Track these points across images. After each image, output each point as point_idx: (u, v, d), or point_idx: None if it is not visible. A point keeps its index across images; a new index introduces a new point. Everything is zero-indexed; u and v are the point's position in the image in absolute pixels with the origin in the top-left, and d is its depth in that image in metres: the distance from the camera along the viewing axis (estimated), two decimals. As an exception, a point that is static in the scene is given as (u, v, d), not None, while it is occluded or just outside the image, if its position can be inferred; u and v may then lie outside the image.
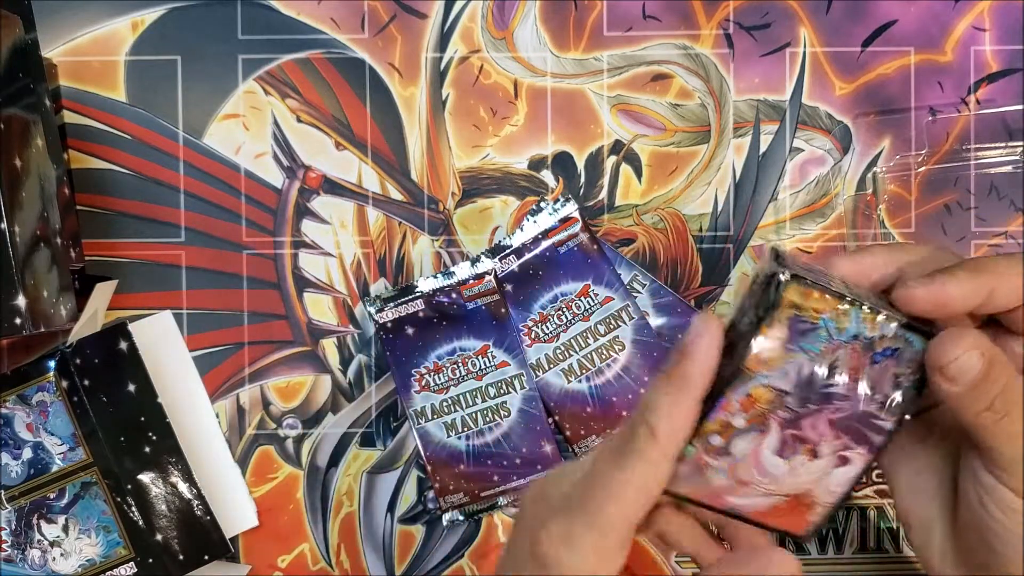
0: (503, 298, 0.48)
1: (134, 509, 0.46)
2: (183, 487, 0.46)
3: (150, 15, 0.48)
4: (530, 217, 0.48)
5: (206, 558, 0.46)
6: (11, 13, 0.41)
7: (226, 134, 0.48)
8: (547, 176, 0.49)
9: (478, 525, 0.49)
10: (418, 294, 0.48)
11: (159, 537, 0.46)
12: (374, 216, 0.49)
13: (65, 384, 0.46)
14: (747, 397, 0.29)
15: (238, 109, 0.48)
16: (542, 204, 0.49)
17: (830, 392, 0.29)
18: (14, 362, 0.45)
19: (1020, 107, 0.48)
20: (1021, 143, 0.48)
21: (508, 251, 0.48)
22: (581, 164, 0.49)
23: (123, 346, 0.46)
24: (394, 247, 0.49)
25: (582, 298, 0.48)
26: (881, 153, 0.49)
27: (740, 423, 0.29)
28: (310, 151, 0.49)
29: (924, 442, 0.33)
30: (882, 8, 0.48)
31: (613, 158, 0.49)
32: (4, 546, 0.46)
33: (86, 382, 0.46)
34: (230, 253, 0.48)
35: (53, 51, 0.48)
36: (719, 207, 0.49)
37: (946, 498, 0.32)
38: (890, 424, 0.29)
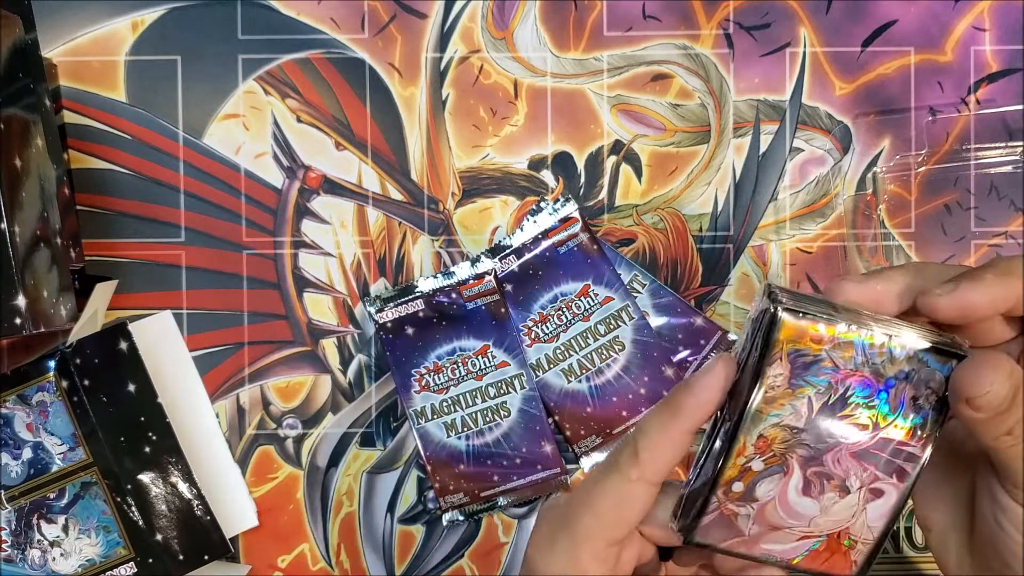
0: (503, 298, 0.48)
1: (134, 509, 0.46)
2: (183, 487, 0.46)
3: (150, 15, 0.48)
4: (530, 217, 0.48)
5: (206, 558, 0.46)
6: (11, 13, 0.41)
7: (226, 134, 0.48)
8: (547, 176, 0.49)
9: (478, 525, 0.49)
10: (418, 294, 0.48)
11: (159, 537, 0.46)
12: (374, 216, 0.49)
13: (65, 384, 0.46)
14: (761, 439, 0.28)
15: (238, 109, 0.48)
16: (542, 204, 0.49)
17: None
18: (14, 362, 0.45)
19: (1020, 107, 0.48)
20: (1021, 143, 0.48)
21: (508, 251, 0.48)
22: (581, 164, 0.49)
23: (123, 346, 0.46)
24: (394, 247, 0.49)
25: (582, 298, 0.48)
26: (881, 153, 0.49)
27: (759, 466, 0.29)
28: (310, 151, 0.49)
29: (942, 452, 0.32)
30: (882, 8, 0.48)
31: (613, 158, 0.49)
32: (4, 546, 0.46)
33: (86, 382, 0.46)
34: (230, 253, 0.48)
35: (53, 51, 0.48)
36: (719, 207, 0.49)
37: (964, 509, 0.31)
38: (917, 449, 0.28)
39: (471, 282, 0.48)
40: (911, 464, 0.28)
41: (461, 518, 0.49)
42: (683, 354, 0.48)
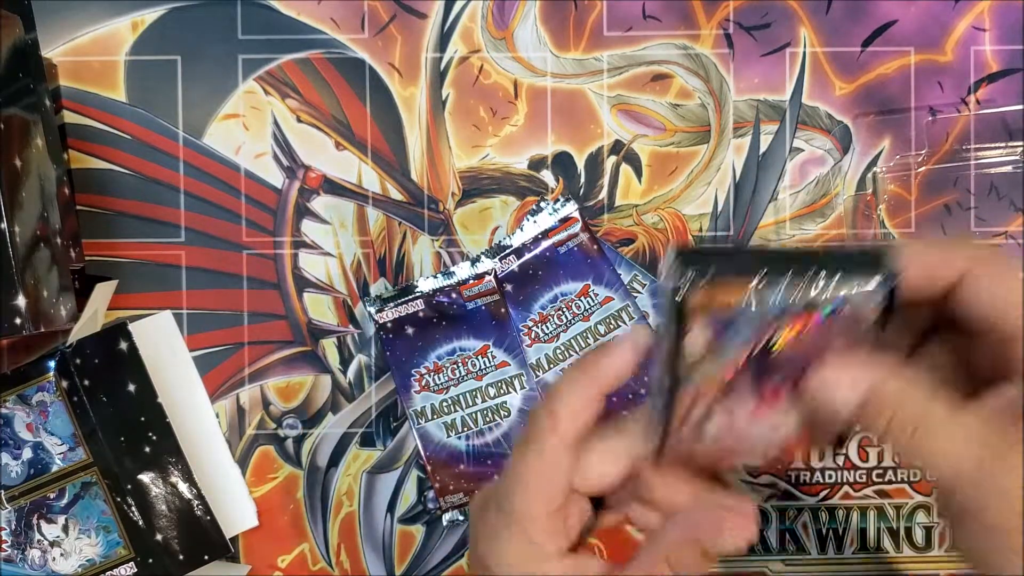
0: (503, 298, 0.48)
1: (134, 509, 0.46)
2: (183, 487, 0.46)
3: (150, 15, 0.48)
4: (530, 217, 0.48)
5: (206, 558, 0.46)
6: (11, 13, 0.41)
7: (226, 134, 0.48)
8: (547, 176, 0.49)
9: (478, 525, 0.49)
10: (418, 294, 0.48)
11: (159, 537, 0.46)
12: (374, 216, 0.49)
13: (65, 384, 0.46)
14: (698, 391, 0.28)
15: (238, 109, 0.48)
16: (542, 204, 0.49)
17: (780, 360, 0.28)
18: (14, 362, 0.45)
19: (1020, 107, 0.48)
20: (1021, 143, 0.48)
21: (508, 251, 0.48)
22: (581, 164, 0.49)
23: (123, 346, 0.46)
24: (394, 247, 0.49)
25: (582, 298, 0.48)
26: (881, 153, 0.49)
27: (700, 413, 0.29)
28: (310, 151, 0.49)
29: None
30: (882, 8, 0.48)
31: (613, 158, 0.49)
32: (4, 546, 0.46)
33: (86, 382, 0.46)
34: (230, 253, 0.48)
35: (53, 51, 0.48)
36: (719, 207, 0.49)
37: None
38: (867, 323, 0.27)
39: (471, 282, 0.48)
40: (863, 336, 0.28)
41: (461, 518, 0.49)
42: (683, 354, 0.48)
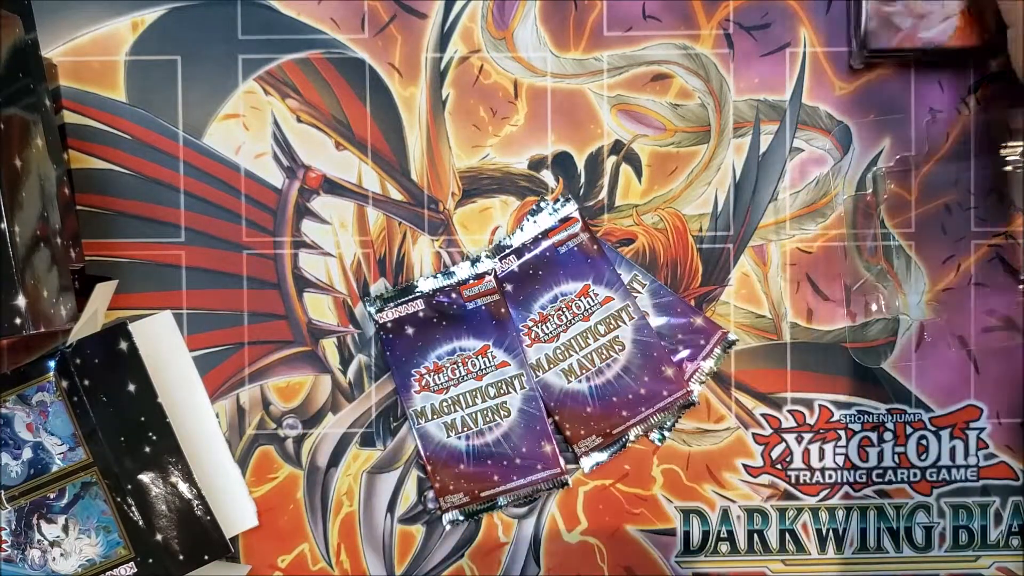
0: (503, 298, 0.48)
1: (134, 509, 0.46)
2: (183, 487, 0.46)
3: (150, 15, 0.48)
4: (530, 217, 0.48)
5: (206, 558, 0.46)
6: (11, 13, 0.41)
7: (226, 134, 0.48)
8: (547, 176, 0.49)
9: (478, 525, 0.49)
10: (418, 294, 0.48)
11: (159, 537, 0.46)
12: (374, 216, 0.49)
13: (65, 384, 0.46)
14: None
15: (238, 109, 0.48)
16: (542, 204, 0.49)
17: None
18: (14, 362, 0.45)
19: (1020, 107, 0.48)
20: (1021, 143, 0.48)
21: (508, 251, 0.48)
22: (581, 164, 0.49)
23: (123, 346, 0.46)
24: (394, 247, 0.49)
25: (582, 298, 0.48)
26: (881, 153, 0.49)
27: None
28: (310, 151, 0.49)
29: None
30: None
31: (613, 158, 0.49)
32: (4, 546, 0.46)
33: (86, 382, 0.46)
34: (230, 253, 0.48)
35: (53, 51, 0.48)
36: (719, 207, 0.49)
37: None
38: None
39: (471, 282, 0.48)
40: None
41: (461, 518, 0.49)
42: (683, 354, 0.48)
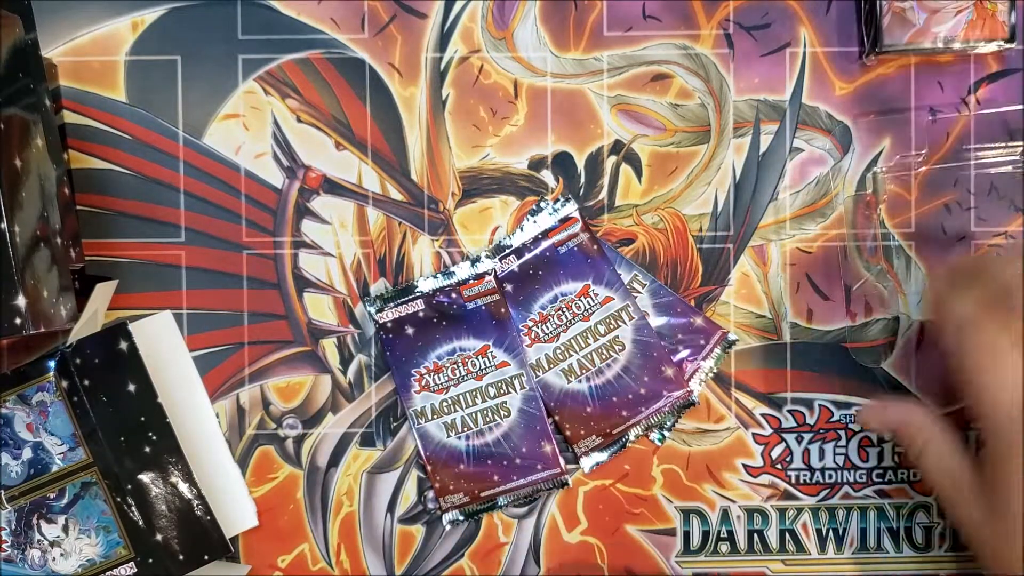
0: (503, 298, 0.48)
1: (134, 509, 0.46)
2: (183, 487, 0.46)
3: (150, 15, 0.48)
4: (530, 217, 0.48)
5: (206, 558, 0.46)
6: (11, 13, 0.41)
7: (226, 134, 0.48)
8: (547, 176, 0.49)
9: (478, 525, 0.49)
10: (418, 294, 0.48)
11: (159, 537, 0.46)
12: (374, 216, 0.49)
13: (65, 384, 0.46)
14: None
15: (238, 109, 0.48)
16: (542, 204, 0.49)
17: None
18: (14, 362, 0.45)
19: (1020, 107, 0.48)
20: (1021, 143, 0.48)
21: (508, 251, 0.48)
22: (581, 164, 0.49)
23: (123, 346, 0.46)
24: (394, 247, 0.49)
25: (582, 298, 0.48)
26: (881, 153, 0.49)
27: None
28: (310, 151, 0.49)
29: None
30: (882, 8, 0.48)
31: (613, 158, 0.49)
32: (4, 546, 0.46)
33: (86, 382, 0.46)
34: (230, 253, 0.48)
35: (53, 51, 0.48)
36: (719, 207, 0.49)
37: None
38: None
39: (471, 282, 0.48)
40: None
41: (461, 518, 0.49)
42: (683, 354, 0.48)
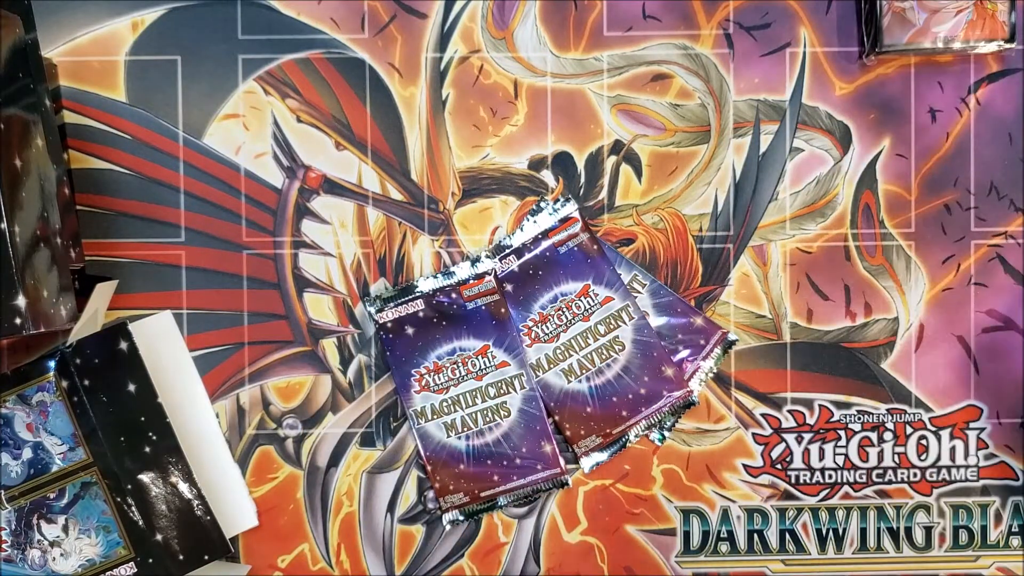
0: (503, 298, 0.48)
1: (134, 509, 0.46)
2: (183, 487, 0.46)
3: (150, 15, 0.48)
4: (530, 217, 0.48)
5: (206, 558, 0.46)
6: (11, 13, 0.41)
7: (226, 134, 0.48)
8: (547, 176, 0.49)
9: (478, 525, 0.49)
10: (418, 294, 0.48)
11: (159, 537, 0.46)
12: (374, 216, 0.49)
13: (65, 384, 0.46)
14: None
15: (238, 109, 0.48)
16: (542, 204, 0.49)
17: None
18: (14, 362, 0.45)
19: (1020, 107, 0.49)
20: (1021, 141, 0.48)
21: (508, 251, 0.48)
22: (581, 164, 0.49)
23: (123, 346, 0.46)
24: (394, 247, 0.49)
25: (582, 298, 0.48)
26: (881, 153, 0.49)
27: None
28: (310, 151, 0.49)
29: None
30: (882, 8, 0.48)
31: (613, 158, 0.49)
32: (4, 546, 0.46)
33: (86, 382, 0.46)
34: (230, 253, 0.48)
35: (53, 51, 0.48)
36: (719, 207, 0.49)
37: None
38: None
39: (471, 282, 0.48)
40: None
41: (461, 518, 0.49)
42: (683, 353, 0.48)
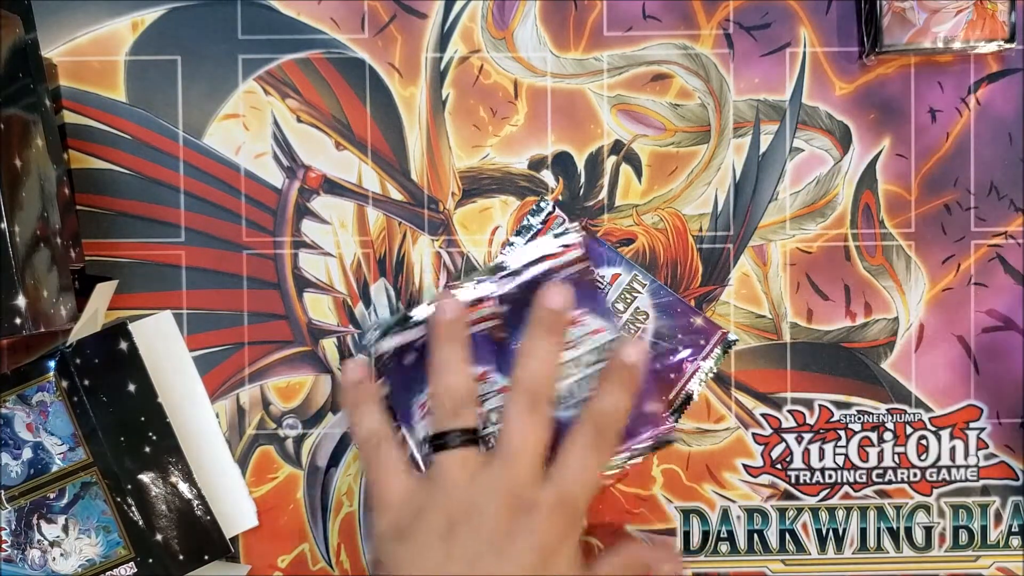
0: (503, 322, 0.47)
1: (134, 509, 0.46)
2: (183, 487, 0.46)
3: (150, 15, 0.48)
4: (530, 217, 0.48)
5: (206, 558, 0.46)
6: (11, 13, 0.41)
7: (226, 134, 0.48)
8: (547, 176, 0.49)
9: (478, 525, 0.49)
10: (416, 322, 0.46)
11: (159, 537, 0.46)
12: (374, 216, 0.49)
13: (65, 384, 0.46)
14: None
15: (238, 109, 0.48)
16: (542, 204, 0.49)
17: None
18: (14, 362, 0.45)
19: (1020, 107, 0.49)
20: (1021, 141, 0.48)
21: (507, 272, 0.47)
22: (581, 164, 0.49)
23: (123, 346, 0.46)
24: (394, 247, 0.49)
25: (573, 326, 0.47)
26: (881, 153, 0.49)
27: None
28: (310, 151, 0.49)
29: None
30: (882, 8, 0.48)
31: (613, 158, 0.49)
32: (4, 546, 0.46)
33: (86, 382, 0.46)
34: (230, 253, 0.48)
35: (53, 51, 0.48)
36: (719, 207, 0.49)
37: None
38: None
39: (472, 307, 0.47)
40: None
41: (461, 518, 0.48)
42: (683, 354, 0.48)
